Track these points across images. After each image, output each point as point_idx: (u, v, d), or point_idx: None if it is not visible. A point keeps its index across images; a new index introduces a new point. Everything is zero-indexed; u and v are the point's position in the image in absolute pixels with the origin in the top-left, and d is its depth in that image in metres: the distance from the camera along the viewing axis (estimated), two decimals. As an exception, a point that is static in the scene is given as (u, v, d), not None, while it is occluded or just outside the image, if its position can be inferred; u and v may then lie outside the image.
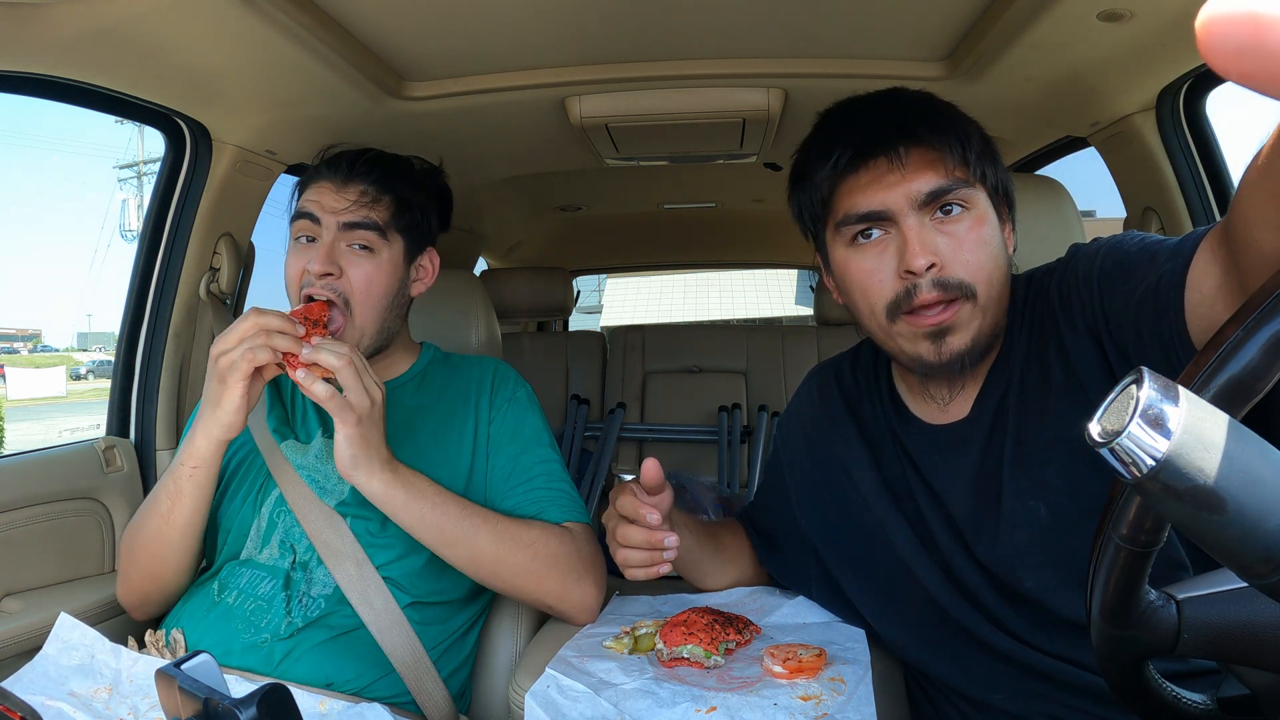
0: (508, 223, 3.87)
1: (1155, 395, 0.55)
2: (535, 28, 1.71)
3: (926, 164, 1.18)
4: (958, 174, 1.18)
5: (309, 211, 1.57)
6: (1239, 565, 0.58)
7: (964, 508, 1.25)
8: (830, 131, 1.27)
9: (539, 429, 1.67)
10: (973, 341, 1.19)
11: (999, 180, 1.24)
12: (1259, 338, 0.63)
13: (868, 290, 1.22)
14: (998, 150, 1.26)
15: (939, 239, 1.17)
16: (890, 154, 1.19)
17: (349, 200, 1.57)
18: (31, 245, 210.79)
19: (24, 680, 1.30)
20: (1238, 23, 0.36)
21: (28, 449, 1.87)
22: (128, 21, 1.44)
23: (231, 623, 1.45)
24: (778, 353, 3.72)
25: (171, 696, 0.91)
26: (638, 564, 1.31)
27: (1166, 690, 0.80)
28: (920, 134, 1.19)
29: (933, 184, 1.17)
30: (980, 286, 1.17)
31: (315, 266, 1.51)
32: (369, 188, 1.59)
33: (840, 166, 1.23)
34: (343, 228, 1.56)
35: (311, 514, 1.51)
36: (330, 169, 1.61)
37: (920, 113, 1.22)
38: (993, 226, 1.21)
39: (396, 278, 1.62)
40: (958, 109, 1.27)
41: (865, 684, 1.17)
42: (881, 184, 1.19)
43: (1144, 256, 1.06)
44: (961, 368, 1.20)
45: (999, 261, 1.20)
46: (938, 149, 1.19)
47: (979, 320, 1.18)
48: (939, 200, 1.18)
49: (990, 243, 1.19)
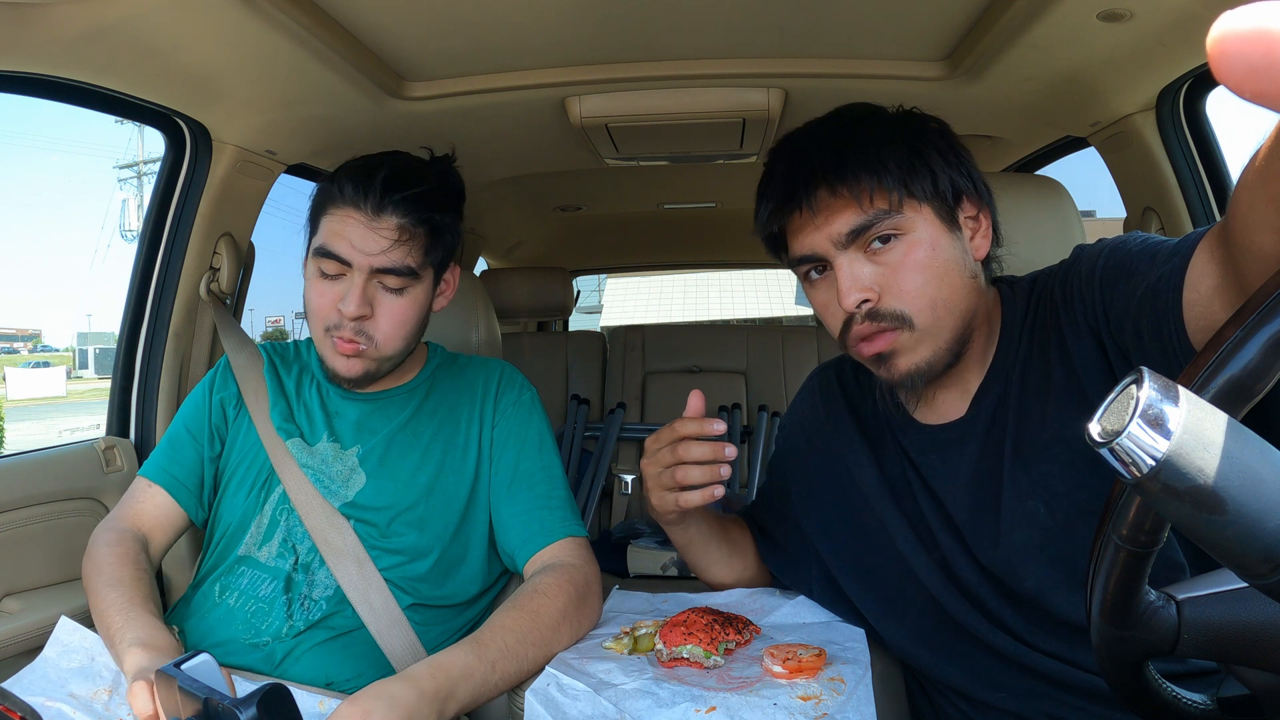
0: (508, 223, 3.87)
1: (1155, 395, 0.55)
2: (535, 28, 1.71)
3: (841, 206, 1.20)
4: (878, 205, 1.18)
5: (338, 254, 1.48)
6: (1239, 565, 0.58)
7: (963, 508, 1.26)
8: (764, 179, 1.31)
9: (543, 433, 1.66)
10: (923, 363, 1.21)
11: (941, 188, 1.22)
12: (1259, 338, 0.63)
13: (825, 319, 1.29)
14: (940, 151, 1.24)
15: (872, 271, 1.19)
16: (804, 203, 1.21)
17: (383, 240, 1.47)
18: (31, 245, 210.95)
19: (24, 682, 1.30)
20: (1250, 41, 0.35)
21: (28, 449, 1.87)
22: (128, 21, 1.44)
23: (232, 625, 1.45)
24: (778, 353, 3.72)
25: (171, 696, 0.91)
26: (698, 481, 1.30)
27: (1167, 690, 0.80)
28: (824, 178, 1.20)
29: (850, 224, 1.19)
30: (917, 314, 1.19)
31: (350, 309, 1.47)
32: (404, 222, 1.49)
33: (766, 218, 1.28)
34: (375, 271, 1.49)
35: (315, 513, 1.51)
36: (358, 195, 1.49)
37: (827, 153, 1.22)
38: (936, 245, 1.20)
39: (425, 305, 1.59)
40: (885, 124, 1.26)
41: (865, 684, 1.17)
42: (805, 230, 1.23)
43: (1145, 257, 1.06)
44: (918, 384, 1.23)
45: (945, 281, 1.20)
46: (846, 189, 1.19)
47: (924, 345, 1.20)
48: (863, 236, 1.19)
49: (931, 265, 1.19)
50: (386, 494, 1.55)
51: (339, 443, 1.60)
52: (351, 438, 1.61)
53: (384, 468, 1.57)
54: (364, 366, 1.53)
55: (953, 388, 1.30)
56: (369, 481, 1.56)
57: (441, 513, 1.56)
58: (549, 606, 1.37)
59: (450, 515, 1.56)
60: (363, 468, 1.57)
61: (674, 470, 1.32)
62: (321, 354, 1.57)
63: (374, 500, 1.54)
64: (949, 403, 1.31)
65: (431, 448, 1.59)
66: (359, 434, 1.61)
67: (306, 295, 1.54)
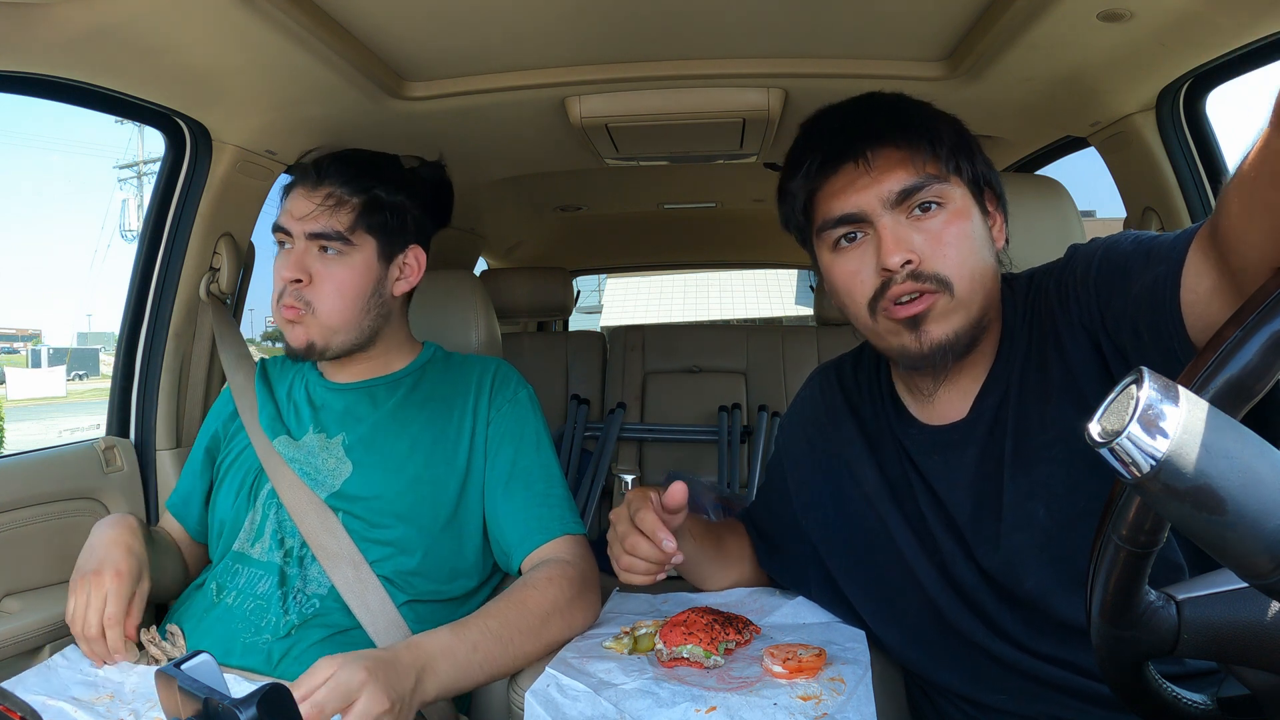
0: (508, 223, 3.87)
1: (1155, 395, 0.55)
2: (535, 28, 1.71)
3: (895, 163, 1.20)
4: (929, 170, 1.20)
5: (280, 224, 1.61)
6: (1239, 565, 0.58)
7: (964, 510, 1.25)
8: (803, 141, 1.31)
9: (539, 431, 1.66)
10: (954, 334, 1.20)
11: (978, 174, 1.25)
12: (1258, 338, 0.63)
13: (851, 290, 1.25)
14: (976, 144, 1.28)
15: (915, 236, 1.19)
16: (858, 157, 1.21)
17: (314, 205, 1.59)
18: (31, 245, 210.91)
19: (26, 682, 1.30)
20: None
21: (28, 449, 1.86)
22: (128, 21, 1.44)
23: (231, 623, 1.45)
24: (778, 353, 3.72)
25: (171, 696, 0.91)
26: (639, 573, 1.31)
27: (1167, 691, 0.80)
28: (886, 135, 1.21)
29: (903, 182, 1.19)
30: (958, 281, 1.18)
31: (287, 273, 1.56)
32: (336, 189, 1.60)
33: (812, 174, 1.26)
34: (309, 236, 1.59)
35: (305, 511, 1.52)
36: (303, 173, 1.65)
37: (887, 114, 1.25)
38: (973, 221, 1.22)
39: (370, 278, 1.62)
40: (931, 107, 1.29)
41: (865, 684, 1.17)
42: (854, 187, 1.22)
43: (1139, 256, 1.06)
44: (945, 359, 1.21)
45: (981, 256, 1.21)
46: (905, 148, 1.21)
47: (959, 314, 1.20)
48: (912, 198, 1.19)
49: (970, 237, 1.21)
50: (374, 483, 1.55)
51: (325, 433, 1.62)
52: (336, 426, 1.63)
53: (370, 455, 1.58)
54: (306, 335, 1.59)
55: (955, 386, 1.29)
56: (355, 470, 1.57)
57: (430, 504, 1.56)
58: (538, 598, 1.40)
59: (439, 508, 1.57)
60: (349, 456, 1.59)
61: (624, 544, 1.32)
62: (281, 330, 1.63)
63: (361, 489, 1.55)
64: (951, 403, 1.30)
65: (420, 438, 1.59)
66: (344, 422, 1.63)
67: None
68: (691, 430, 3.61)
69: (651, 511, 1.29)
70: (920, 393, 1.33)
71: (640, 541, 1.29)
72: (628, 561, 1.32)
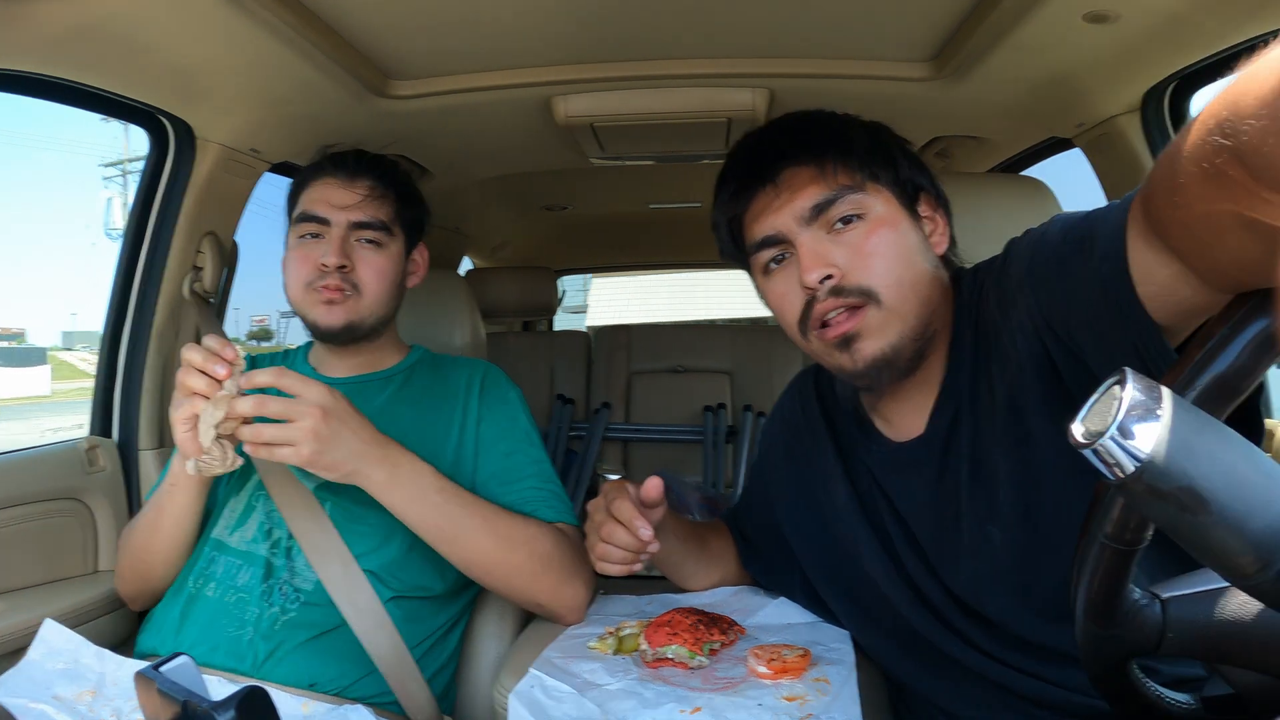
0: (493, 222, 3.86)
1: (1138, 396, 0.55)
2: (521, 27, 1.71)
3: (806, 180, 1.20)
4: (841, 182, 1.18)
5: (316, 214, 1.61)
6: (1222, 566, 0.58)
7: (925, 531, 1.24)
8: (723, 171, 1.32)
9: (529, 430, 1.68)
10: (890, 348, 1.17)
11: (903, 178, 1.23)
12: (1241, 339, 0.63)
13: (783, 311, 1.24)
14: (900, 149, 1.26)
15: (836, 250, 1.17)
16: (767, 180, 1.21)
17: (358, 196, 1.63)
18: (14, 243, 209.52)
19: (8, 684, 1.29)
20: None
21: (10, 449, 1.85)
22: (112, 19, 1.43)
23: (214, 617, 1.44)
24: (763, 353, 3.71)
25: (151, 699, 0.90)
26: (615, 561, 1.32)
27: (1150, 690, 0.81)
28: (793, 153, 1.21)
29: (814, 198, 1.18)
30: (885, 290, 1.15)
31: (331, 260, 1.57)
32: (375, 184, 1.65)
33: (728, 200, 1.27)
34: (353, 226, 1.62)
35: (293, 504, 1.50)
36: (335, 166, 1.67)
37: (794, 133, 1.25)
38: (900, 229, 1.20)
39: (400, 270, 1.71)
40: (847, 118, 1.29)
41: (850, 684, 1.17)
42: (769, 209, 1.22)
43: (1072, 248, 0.99)
44: (883, 376, 1.19)
45: (911, 263, 1.19)
46: (813, 164, 1.20)
47: (892, 326, 1.16)
48: (827, 212, 1.18)
49: (896, 245, 1.18)
50: None
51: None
52: None
53: None
54: (345, 315, 1.61)
55: (909, 400, 1.26)
56: None
57: None
58: (523, 528, 1.49)
59: None
60: None
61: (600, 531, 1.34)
62: (303, 314, 1.64)
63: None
64: (907, 417, 1.27)
65: (409, 432, 1.58)
66: None
67: (286, 266, 1.65)
68: (677, 430, 3.61)
69: (628, 501, 1.30)
70: (872, 409, 1.33)
71: (616, 529, 1.30)
72: (603, 550, 1.33)
